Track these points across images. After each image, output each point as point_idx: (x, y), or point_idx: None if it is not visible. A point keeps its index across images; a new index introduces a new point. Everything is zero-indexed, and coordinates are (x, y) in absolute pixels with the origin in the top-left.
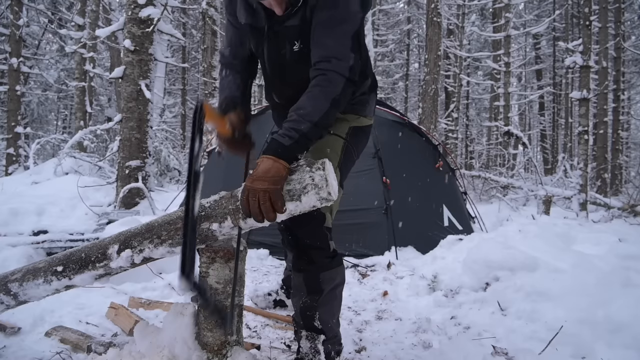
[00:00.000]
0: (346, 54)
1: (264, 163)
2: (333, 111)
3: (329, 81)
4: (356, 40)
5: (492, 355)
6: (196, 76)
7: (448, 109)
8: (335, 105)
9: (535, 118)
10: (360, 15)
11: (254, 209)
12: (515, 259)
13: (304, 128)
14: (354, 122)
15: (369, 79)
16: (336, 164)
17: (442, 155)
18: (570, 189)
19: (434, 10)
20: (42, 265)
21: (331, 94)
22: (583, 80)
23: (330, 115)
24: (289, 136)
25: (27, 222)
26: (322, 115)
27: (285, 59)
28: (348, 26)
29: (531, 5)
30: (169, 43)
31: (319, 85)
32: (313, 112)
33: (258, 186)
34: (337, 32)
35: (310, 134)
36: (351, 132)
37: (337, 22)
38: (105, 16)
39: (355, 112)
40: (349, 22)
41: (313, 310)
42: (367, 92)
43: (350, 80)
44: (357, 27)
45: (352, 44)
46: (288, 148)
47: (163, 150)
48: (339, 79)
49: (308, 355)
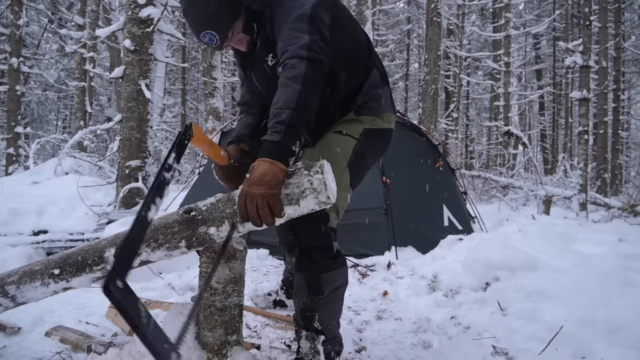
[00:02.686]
0: (298, 37)
1: (260, 167)
2: (308, 90)
3: (291, 67)
4: (312, 23)
5: (492, 355)
6: (196, 76)
7: (448, 109)
8: (307, 83)
9: (535, 118)
10: (311, 4)
11: (252, 213)
12: (515, 259)
13: (285, 117)
14: (369, 124)
15: (374, 70)
16: (345, 164)
17: (442, 155)
18: (570, 189)
19: (434, 10)
20: (39, 267)
21: (297, 78)
22: (583, 80)
23: (307, 95)
24: (275, 131)
25: (27, 222)
26: (297, 99)
27: (268, 77)
28: (298, 14)
29: (531, 5)
30: (169, 43)
31: (283, 75)
32: (287, 100)
33: (255, 191)
34: (288, 25)
35: (294, 121)
36: (365, 133)
37: (288, 17)
38: (105, 16)
39: (371, 110)
40: (297, 11)
41: (313, 311)
42: (375, 85)
43: (312, 59)
44: (308, 11)
45: (308, 27)
46: (279, 143)
47: (163, 150)
48: (298, 61)
49: (308, 356)
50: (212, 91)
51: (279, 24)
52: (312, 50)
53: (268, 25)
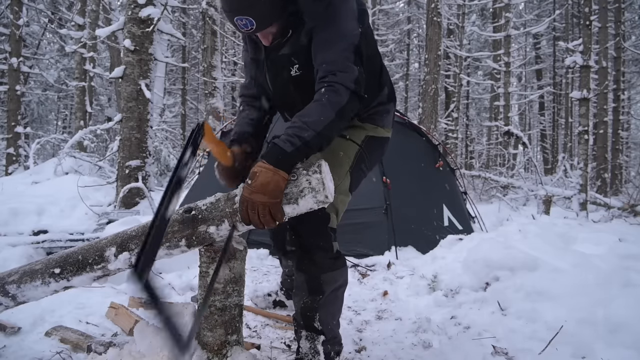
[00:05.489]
0: (350, 67)
1: (262, 175)
2: (337, 122)
3: (335, 92)
4: (358, 54)
5: (492, 355)
6: (196, 76)
7: (448, 109)
8: (340, 116)
9: (535, 118)
10: (359, 31)
11: (254, 220)
12: (515, 259)
13: (307, 136)
14: (371, 132)
15: (385, 88)
16: (347, 169)
17: (442, 155)
18: (570, 188)
19: (434, 10)
20: (39, 267)
21: (337, 105)
22: (583, 80)
23: (335, 126)
24: (291, 142)
25: (27, 222)
26: (326, 124)
27: (286, 85)
28: (348, 41)
29: (531, 5)
30: (169, 43)
31: (325, 95)
32: (318, 121)
33: (257, 199)
34: (338, 47)
35: (313, 143)
36: (367, 140)
37: (337, 38)
38: (105, 16)
39: (374, 122)
40: (348, 37)
41: (313, 311)
42: (385, 102)
43: (355, 93)
44: (356, 41)
45: (355, 57)
46: (289, 155)
47: (163, 150)
48: (344, 90)
49: (307, 356)
50: (212, 91)
51: (322, 38)
52: (358, 84)
53: (304, 36)
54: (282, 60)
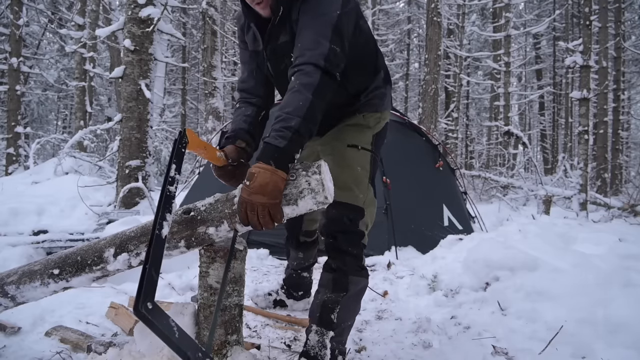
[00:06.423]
0: (320, 43)
1: (260, 175)
2: (317, 102)
3: (306, 74)
4: (337, 33)
5: (492, 355)
6: (196, 76)
7: (448, 109)
8: (318, 96)
9: (535, 118)
10: (338, 13)
11: (253, 221)
12: (515, 259)
13: (295, 124)
14: (375, 129)
15: (381, 71)
16: (367, 181)
17: (442, 155)
18: (570, 188)
19: (434, 10)
20: (38, 267)
21: (311, 86)
22: (583, 80)
23: (316, 107)
24: (282, 137)
25: (27, 222)
26: (307, 107)
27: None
28: (325, 19)
29: (531, 5)
30: (169, 43)
31: (296, 81)
32: (298, 107)
33: (257, 200)
34: (314, 25)
35: (302, 130)
36: (375, 141)
37: (315, 17)
38: (105, 16)
39: (374, 107)
40: (327, 16)
41: (335, 304)
42: (381, 85)
43: (327, 72)
44: (334, 21)
45: (332, 36)
46: (283, 149)
47: (163, 150)
48: (314, 70)
49: (314, 348)
50: (212, 91)
51: (303, 23)
52: (329, 61)
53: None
54: (282, 48)
